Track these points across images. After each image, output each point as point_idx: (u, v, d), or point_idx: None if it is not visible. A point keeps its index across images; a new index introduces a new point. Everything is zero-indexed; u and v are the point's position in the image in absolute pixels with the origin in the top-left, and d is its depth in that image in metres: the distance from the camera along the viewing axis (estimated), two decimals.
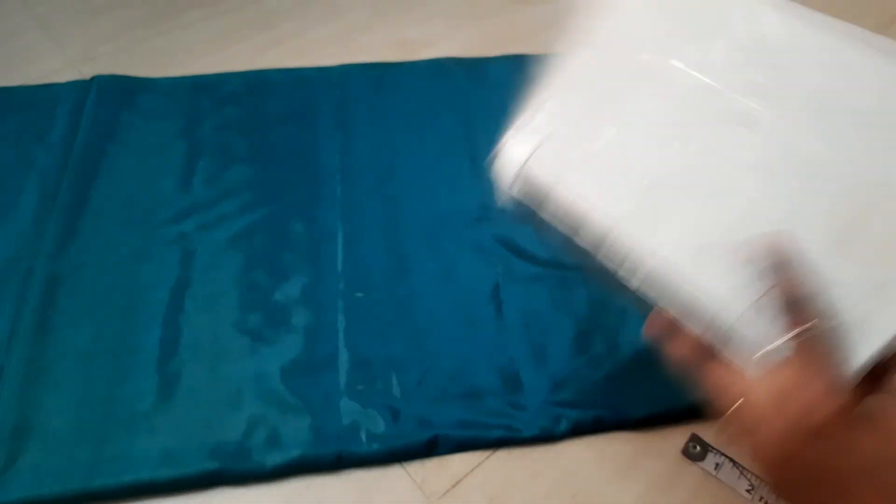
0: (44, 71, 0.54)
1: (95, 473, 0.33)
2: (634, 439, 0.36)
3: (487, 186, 0.47)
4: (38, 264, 0.41)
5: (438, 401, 0.36)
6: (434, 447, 0.35)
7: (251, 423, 0.35)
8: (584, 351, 0.39)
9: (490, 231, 0.44)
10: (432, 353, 0.38)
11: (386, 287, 0.41)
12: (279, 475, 0.34)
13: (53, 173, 0.46)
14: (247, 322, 0.39)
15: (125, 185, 0.46)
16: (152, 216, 0.44)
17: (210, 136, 0.49)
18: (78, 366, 0.37)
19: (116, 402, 0.35)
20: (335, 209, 0.45)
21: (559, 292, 0.42)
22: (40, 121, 0.49)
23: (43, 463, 0.33)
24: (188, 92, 0.52)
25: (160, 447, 0.34)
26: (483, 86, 0.55)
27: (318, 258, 0.42)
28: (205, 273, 0.41)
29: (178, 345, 0.38)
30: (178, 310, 0.39)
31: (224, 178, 0.47)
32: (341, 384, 0.37)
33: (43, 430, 0.34)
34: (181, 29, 0.59)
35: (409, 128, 0.51)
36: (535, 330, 0.40)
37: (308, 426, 0.35)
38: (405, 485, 0.34)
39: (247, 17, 0.61)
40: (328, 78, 0.54)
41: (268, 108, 0.51)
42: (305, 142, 0.49)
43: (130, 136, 0.49)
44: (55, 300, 0.39)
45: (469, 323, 0.40)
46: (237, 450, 0.34)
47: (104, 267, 0.41)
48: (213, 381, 0.36)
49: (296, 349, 0.38)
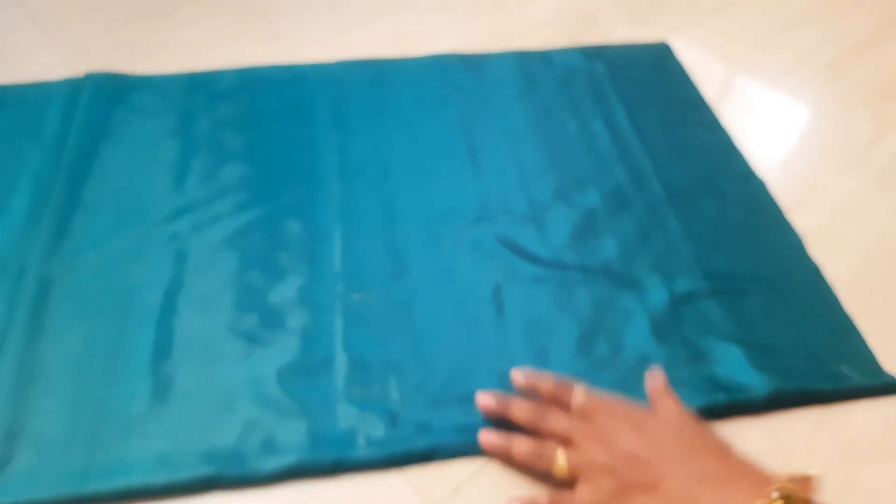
0: (36, 68, 0.53)
1: (89, 478, 0.32)
2: None
3: (488, 185, 0.47)
4: (31, 265, 0.40)
5: (439, 405, 0.36)
6: (434, 452, 0.34)
7: (246, 427, 0.34)
8: (587, 353, 0.38)
9: (491, 230, 0.44)
10: (432, 356, 0.38)
11: (384, 288, 0.41)
12: (275, 480, 0.33)
13: (46, 172, 0.45)
14: (242, 324, 0.39)
15: (119, 184, 0.45)
16: (146, 216, 0.43)
17: (205, 134, 0.49)
18: (71, 368, 0.36)
19: (110, 405, 0.35)
20: (332, 208, 0.45)
21: (561, 293, 0.41)
22: (33, 119, 0.49)
23: (35, 467, 0.33)
24: (183, 89, 0.52)
25: (154, 451, 0.33)
26: (483, 82, 0.54)
27: (314, 258, 0.42)
28: (199, 274, 0.41)
29: (171, 347, 0.37)
30: (172, 311, 0.39)
31: (219, 176, 0.46)
32: (339, 387, 0.36)
33: (35, 433, 0.34)
34: (176, 25, 0.59)
35: (407, 125, 0.51)
36: (537, 332, 0.39)
37: (304, 431, 0.34)
38: (404, 491, 0.33)
39: (242, 12, 0.61)
40: (325, 74, 0.54)
41: (264, 105, 0.51)
42: (302, 139, 0.49)
43: (124, 134, 0.48)
44: (47, 301, 0.39)
45: (469, 325, 0.39)
46: (232, 454, 0.33)
47: (97, 267, 0.41)
48: (207, 384, 0.36)
49: (292, 351, 0.38)
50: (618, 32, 0.60)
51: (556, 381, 0.34)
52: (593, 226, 0.45)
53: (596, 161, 0.49)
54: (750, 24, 0.62)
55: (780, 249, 0.44)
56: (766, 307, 0.41)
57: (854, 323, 0.40)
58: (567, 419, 0.32)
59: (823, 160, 0.51)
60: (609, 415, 0.32)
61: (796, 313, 0.41)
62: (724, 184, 0.48)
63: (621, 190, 0.47)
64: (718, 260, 0.43)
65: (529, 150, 0.49)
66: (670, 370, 0.37)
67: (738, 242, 0.44)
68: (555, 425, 0.32)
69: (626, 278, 0.42)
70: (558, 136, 0.51)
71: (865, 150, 0.52)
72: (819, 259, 0.44)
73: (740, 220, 0.46)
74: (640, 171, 0.48)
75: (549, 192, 0.47)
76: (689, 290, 0.41)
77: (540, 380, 0.34)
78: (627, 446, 0.30)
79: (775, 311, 0.41)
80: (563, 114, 0.52)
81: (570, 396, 0.33)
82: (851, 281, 0.43)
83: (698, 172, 0.49)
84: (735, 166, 0.49)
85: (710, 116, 0.53)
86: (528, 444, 0.32)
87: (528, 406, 0.33)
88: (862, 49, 0.60)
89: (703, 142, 0.51)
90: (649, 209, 0.46)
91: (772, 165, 0.50)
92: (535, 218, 0.45)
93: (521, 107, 0.53)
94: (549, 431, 0.32)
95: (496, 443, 0.33)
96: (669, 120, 0.52)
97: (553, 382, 0.34)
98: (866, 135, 0.52)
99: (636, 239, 0.44)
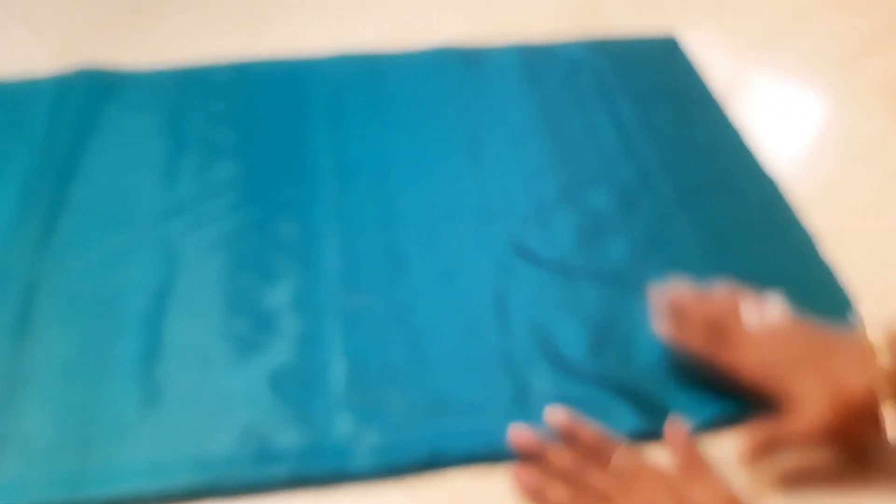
0: (24, 64, 0.53)
1: (79, 484, 0.32)
2: (641, 449, 0.35)
3: (489, 183, 0.46)
4: (18, 267, 0.40)
5: (439, 411, 0.35)
6: (435, 461, 0.34)
7: (241, 434, 0.34)
8: (595, 359, 0.38)
9: (493, 231, 0.44)
10: (432, 361, 0.37)
11: (383, 290, 0.40)
12: (270, 489, 0.33)
13: (34, 171, 0.45)
14: (235, 327, 0.38)
15: (108, 183, 0.45)
16: (136, 216, 0.43)
17: (197, 131, 0.48)
18: (59, 372, 0.36)
19: (100, 410, 0.35)
20: (328, 208, 0.44)
21: (568, 296, 0.41)
22: (20, 116, 0.48)
23: (25, 473, 0.32)
24: (174, 85, 0.52)
25: (146, 458, 0.33)
26: (484, 77, 0.54)
27: (310, 260, 0.42)
28: (190, 276, 0.40)
29: (162, 351, 0.37)
30: (163, 314, 0.38)
31: (211, 175, 0.46)
32: (336, 393, 0.36)
33: (24, 439, 0.34)
34: (167, 19, 0.59)
35: (406, 122, 0.50)
36: (541, 336, 0.39)
37: (300, 438, 0.34)
38: (404, 501, 0.33)
39: (235, 5, 0.61)
40: (321, 69, 0.53)
41: (257, 101, 0.51)
42: (297, 137, 0.49)
43: (113, 131, 0.48)
44: (34, 304, 0.38)
45: (471, 329, 0.39)
46: (226, 462, 0.33)
47: (86, 269, 0.40)
48: (199, 389, 0.36)
49: (287, 356, 0.37)
50: (623, 25, 0.60)
51: (598, 435, 0.34)
52: (600, 227, 0.44)
53: (602, 159, 0.49)
54: (759, 17, 0.62)
55: (794, 249, 0.44)
56: None
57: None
58: (607, 479, 0.32)
59: (836, 157, 0.51)
60: (650, 481, 0.32)
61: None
62: (735, 183, 0.48)
63: (629, 189, 0.47)
64: (731, 262, 0.42)
65: (532, 148, 0.49)
66: (681, 378, 0.37)
67: (750, 243, 0.44)
68: (595, 482, 0.32)
69: (634, 281, 0.41)
70: (562, 133, 0.51)
71: (878, 146, 0.51)
72: (833, 258, 0.43)
73: (752, 220, 0.45)
74: (648, 170, 0.48)
75: (554, 192, 0.46)
76: None
77: (581, 427, 0.34)
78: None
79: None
80: (568, 110, 0.52)
81: (610, 453, 0.33)
82: (866, 280, 0.42)
83: (708, 171, 0.49)
84: (746, 164, 0.49)
85: (719, 113, 0.53)
86: (567, 494, 0.32)
87: (569, 455, 0.33)
88: (874, 44, 0.59)
89: (712, 139, 0.51)
90: (658, 209, 0.46)
91: (783, 163, 0.50)
92: (540, 218, 0.45)
93: (524, 103, 0.53)
94: (588, 486, 0.32)
95: (533, 485, 0.33)
96: (677, 117, 0.52)
97: (595, 435, 0.34)
98: (879, 130, 0.52)
99: (645, 240, 0.44)
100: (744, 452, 0.31)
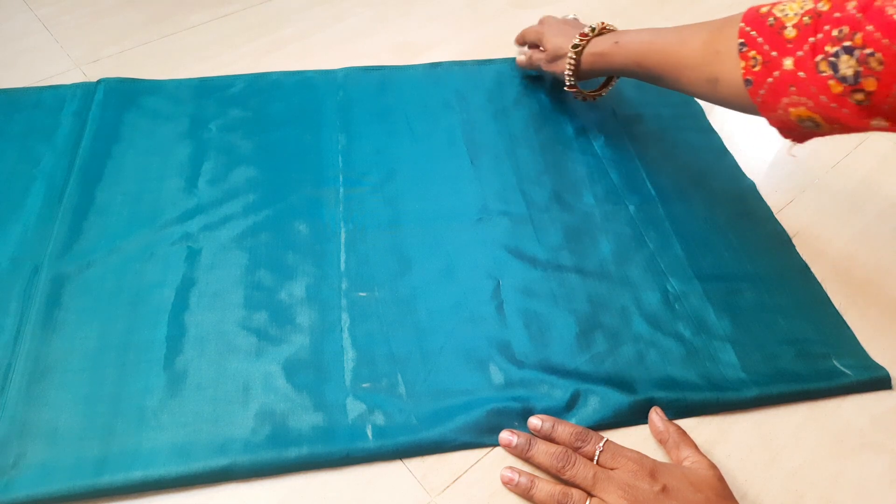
0: (49, 73, 0.54)
1: (104, 470, 0.33)
2: (635, 433, 0.36)
3: (487, 187, 0.47)
4: (45, 264, 0.41)
5: (442, 398, 0.37)
6: (439, 444, 0.35)
7: (258, 420, 0.35)
8: (586, 349, 0.39)
9: (490, 231, 0.45)
10: (435, 351, 0.38)
11: (388, 286, 0.41)
12: (286, 471, 0.34)
13: (59, 174, 0.46)
14: (252, 320, 0.39)
15: (131, 185, 0.46)
16: (158, 216, 0.44)
17: (215, 138, 0.49)
18: (85, 363, 0.37)
19: (124, 399, 0.35)
20: (338, 209, 0.45)
21: (559, 292, 0.42)
22: (46, 122, 0.49)
23: (51, 460, 0.33)
24: (193, 94, 0.52)
25: (169, 443, 0.34)
26: (483, 88, 0.55)
27: (321, 258, 0.43)
28: (210, 272, 0.41)
29: (184, 342, 0.38)
30: (184, 308, 0.39)
31: (229, 178, 0.47)
32: (346, 382, 0.37)
33: (51, 427, 0.34)
34: (186, 31, 0.59)
35: (410, 129, 0.51)
36: (536, 328, 0.40)
37: (314, 424, 0.35)
38: (406, 480, 0.34)
39: (251, 20, 0.61)
40: (331, 80, 0.54)
41: (272, 109, 0.52)
42: (309, 143, 0.50)
43: (136, 137, 0.49)
44: (61, 299, 0.39)
45: (471, 321, 0.40)
46: (244, 446, 0.34)
47: (110, 266, 0.41)
48: (219, 378, 0.37)
49: (301, 347, 0.38)
50: None
51: (575, 432, 0.34)
52: (588, 227, 0.46)
53: (590, 164, 0.50)
54: None
55: (770, 248, 0.45)
56: (757, 305, 0.42)
57: (844, 318, 0.41)
58: (591, 468, 0.33)
59: (811, 162, 0.52)
60: (630, 470, 0.32)
61: (787, 310, 0.41)
62: (715, 185, 0.49)
63: (615, 192, 0.48)
64: (710, 259, 0.44)
65: (527, 154, 0.50)
66: (664, 368, 0.38)
67: (728, 242, 0.45)
68: (579, 473, 0.33)
69: (620, 278, 0.43)
70: (554, 139, 0.52)
71: (853, 152, 0.52)
72: (806, 258, 0.45)
73: (731, 220, 0.46)
74: (634, 174, 0.49)
75: (546, 195, 0.48)
76: (681, 289, 0.42)
77: (558, 429, 0.35)
78: (649, 497, 0.31)
79: (766, 308, 0.41)
80: (559, 118, 0.53)
81: (589, 447, 0.34)
82: (838, 279, 0.43)
83: (690, 174, 0.50)
84: (726, 168, 0.50)
85: (702, 119, 0.54)
86: (553, 488, 0.32)
87: (552, 451, 0.33)
88: None
89: (694, 144, 0.52)
90: (642, 211, 0.47)
91: (761, 167, 0.51)
92: (533, 219, 0.46)
93: (519, 111, 0.53)
94: (573, 479, 0.33)
95: (518, 481, 0.33)
96: (662, 123, 0.53)
97: (571, 433, 0.34)
98: (854, 137, 0.53)
99: (630, 240, 0.45)
100: None
